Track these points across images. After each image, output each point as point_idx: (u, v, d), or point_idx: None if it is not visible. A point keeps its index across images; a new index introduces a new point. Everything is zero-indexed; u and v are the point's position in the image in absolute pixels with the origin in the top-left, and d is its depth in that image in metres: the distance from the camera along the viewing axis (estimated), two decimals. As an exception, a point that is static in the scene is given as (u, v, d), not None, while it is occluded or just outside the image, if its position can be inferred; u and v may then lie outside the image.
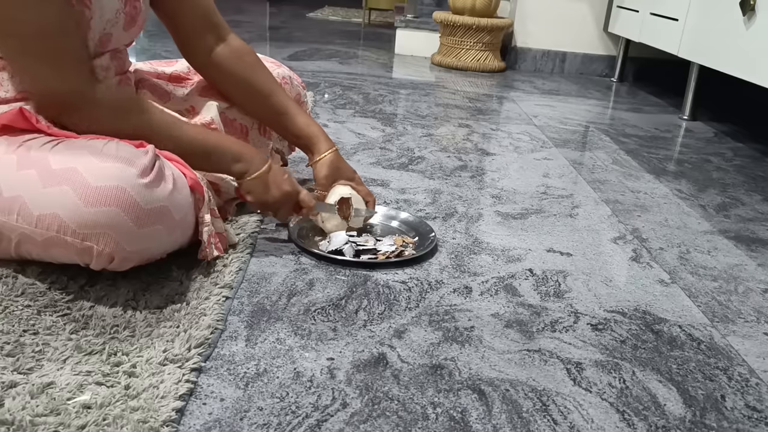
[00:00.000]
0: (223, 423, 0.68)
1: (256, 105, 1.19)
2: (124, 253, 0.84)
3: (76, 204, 0.80)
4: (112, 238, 0.81)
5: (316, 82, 2.52)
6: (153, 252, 0.89)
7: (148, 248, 0.87)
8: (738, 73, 1.95)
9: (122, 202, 0.81)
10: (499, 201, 1.42)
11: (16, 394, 0.68)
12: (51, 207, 0.81)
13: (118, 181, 0.81)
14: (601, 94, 2.82)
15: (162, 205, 0.85)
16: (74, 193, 0.80)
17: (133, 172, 0.82)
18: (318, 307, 0.92)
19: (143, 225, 0.83)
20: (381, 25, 4.90)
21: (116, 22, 0.96)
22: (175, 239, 0.91)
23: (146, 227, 0.83)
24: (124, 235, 0.82)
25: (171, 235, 0.89)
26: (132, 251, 0.84)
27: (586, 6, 3.19)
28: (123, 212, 0.81)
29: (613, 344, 0.90)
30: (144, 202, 0.82)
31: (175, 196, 0.87)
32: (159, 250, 0.90)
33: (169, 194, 0.86)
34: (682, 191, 1.59)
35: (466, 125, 2.08)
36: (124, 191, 0.81)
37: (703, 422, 0.76)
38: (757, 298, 1.08)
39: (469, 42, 3.10)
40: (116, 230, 0.81)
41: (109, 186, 0.80)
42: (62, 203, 0.80)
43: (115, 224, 0.81)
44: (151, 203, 0.83)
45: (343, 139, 1.79)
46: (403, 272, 1.05)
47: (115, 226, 0.81)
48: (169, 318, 0.84)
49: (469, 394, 0.76)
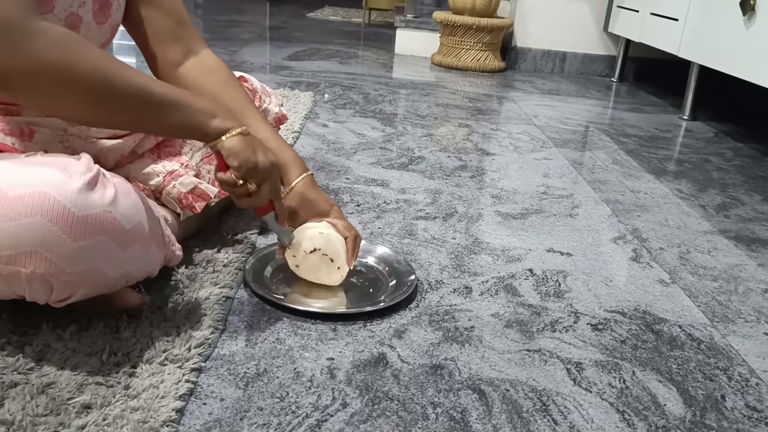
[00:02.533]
0: (223, 423, 0.68)
1: None
2: (63, 276, 0.68)
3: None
4: (43, 256, 0.66)
5: (316, 82, 2.52)
6: (109, 274, 0.73)
7: (97, 267, 0.71)
8: (738, 73, 1.95)
9: (47, 209, 0.66)
10: (499, 201, 1.42)
11: (16, 394, 0.68)
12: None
13: (41, 186, 0.66)
14: (601, 94, 2.82)
15: (103, 210, 0.69)
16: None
17: (59, 175, 0.68)
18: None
19: (80, 237, 0.68)
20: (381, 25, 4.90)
21: (84, 2, 0.83)
22: (153, 257, 0.79)
23: (85, 239, 0.68)
24: (57, 252, 0.67)
25: (147, 252, 0.77)
26: (73, 272, 0.69)
27: (586, 6, 3.19)
28: (50, 222, 0.66)
29: (613, 344, 0.90)
30: (77, 207, 0.67)
31: (120, 201, 0.72)
32: (117, 270, 0.74)
33: (111, 200, 0.71)
34: (682, 191, 1.59)
35: (466, 125, 2.08)
36: (47, 196, 0.66)
37: (703, 422, 0.76)
38: (757, 298, 1.08)
39: (469, 42, 3.10)
40: (45, 246, 0.66)
41: (29, 193, 0.66)
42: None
43: (43, 238, 0.66)
44: (86, 209, 0.68)
45: (343, 139, 1.79)
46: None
47: (42, 241, 0.66)
48: (169, 318, 0.84)
49: (469, 394, 0.77)
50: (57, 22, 0.79)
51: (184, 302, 0.88)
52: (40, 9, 0.77)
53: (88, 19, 0.86)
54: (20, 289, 0.70)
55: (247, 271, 0.97)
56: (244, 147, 0.83)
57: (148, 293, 0.88)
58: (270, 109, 1.17)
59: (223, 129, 0.82)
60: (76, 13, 0.83)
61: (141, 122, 0.79)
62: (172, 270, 0.95)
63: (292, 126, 1.82)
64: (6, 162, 0.70)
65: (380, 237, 1.18)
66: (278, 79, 2.49)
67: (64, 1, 0.80)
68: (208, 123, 0.81)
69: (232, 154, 0.83)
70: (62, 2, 0.80)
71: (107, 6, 0.88)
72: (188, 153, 1.03)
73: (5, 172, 0.68)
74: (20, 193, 0.66)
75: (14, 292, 0.71)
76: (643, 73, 3.23)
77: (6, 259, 0.66)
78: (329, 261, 0.94)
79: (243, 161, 0.83)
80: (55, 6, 0.79)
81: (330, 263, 0.94)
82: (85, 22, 0.85)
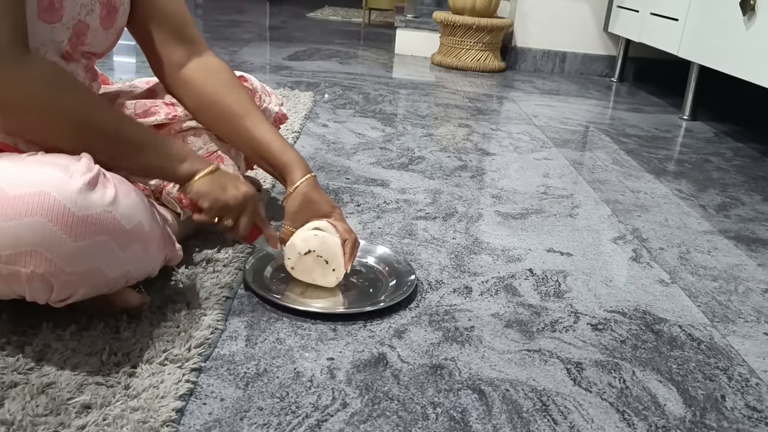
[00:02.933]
0: (223, 423, 0.68)
1: (226, 126, 1.02)
2: (63, 276, 0.68)
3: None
4: (43, 256, 0.67)
5: (316, 82, 2.52)
6: (109, 274, 0.73)
7: (97, 267, 0.71)
8: (738, 73, 1.95)
9: (47, 209, 0.66)
10: (499, 201, 1.42)
11: (16, 394, 0.68)
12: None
13: (42, 185, 0.67)
14: (601, 94, 2.82)
15: (103, 210, 0.69)
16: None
17: (59, 174, 0.68)
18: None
19: (80, 236, 0.68)
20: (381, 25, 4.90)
21: (92, 10, 0.84)
22: (153, 256, 0.79)
23: (85, 239, 0.68)
24: (57, 252, 0.67)
25: (147, 252, 0.77)
26: (73, 272, 0.69)
27: (586, 6, 3.19)
28: (50, 222, 0.66)
29: (613, 344, 0.90)
30: (77, 207, 0.67)
31: (121, 200, 0.72)
32: (117, 270, 0.74)
33: (112, 199, 0.71)
34: (682, 191, 1.59)
35: (466, 125, 2.08)
36: (48, 196, 0.66)
37: (703, 422, 0.76)
38: (757, 298, 1.08)
39: (469, 42, 3.10)
40: (45, 245, 0.66)
41: (29, 192, 0.66)
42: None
43: (43, 238, 0.66)
44: (86, 209, 0.68)
45: (343, 139, 1.79)
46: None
47: (42, 241, 0.66)
48: (169, 318, 0.84)
49: (469, 394, 0.77)
50: (65, 31, 0.81)
51: (184, 302, 0.88)
52: (49, 19, 0.79)
53: (95, 25, 0.86)
54: (20, 289, 0.70)
55: (247, 271, 0.97)
56: (213, 187, 0.87)
57: (148, 293, 0.88)
58: (270, 108, 1.17)
59: (192, 172, 0.86)
60: (84, 20, 0.84)
61: (118, 161, 0.81)
62: (172, 270, 0.95)
63: (292, 126, 1.82)
64: (6, 161, 0.70)
65: (380, 237, 1.18)
66: (278, 79, 2.50)
67: (72, 9, 0.81)
68: (178, 167, 0.85)
69: (200, 196, 0.87)
70: (70, 11, 0.81)
71: (114, 12, 0.89)
72: None
73: (5, 172, 0.68)
74: (20, 193, 0.66)
75: (14, 291, 0.71)
76: (643, 73, 3.23)
77: (6, 258, 0.66)
78: (324, 263, 0.94)
79: (212, 202, 0.87)
80: (63, 15, 0.80)
81: (325, 265, 0.94)
82: (92, 28, 0.86)
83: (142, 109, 1.00)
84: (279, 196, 1.34)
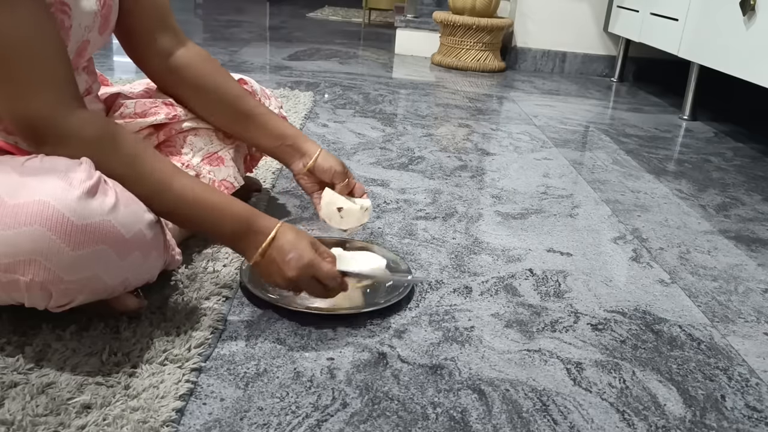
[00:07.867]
0: (223, 423, 0.68)
1: (224, 110, 1.03)
2: (62, 284, 0.69)
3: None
4: (41, 265, 0.67)
5: (316, 82, 2.52)
6: (107, 281, 0.73)
7: (95, 276, 0.71)
8: (738, 73, 1.95)
9: (46, 218, 0.66)
10: (499, 201, 1.42)
11: (16, 394, 0.68)
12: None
13: (41, 194, 0.66)
14: (601, 94, 2.82)
15: (103, 219, 0.69)
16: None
17: (59, 183, 0.68)
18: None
19: (79, 246, 0.68)
20: (381, 25, 4.90)
21: (93, 27, 0.85)
22: (153, 264, 0.79)
23: (84, 248, 0.68)
24: (55, 261, 0.67)
25: (147, 260, 0.77)
26: (72, 281, 0.69)
27: (586, 6, 3.19)
28: (49, 231, 0.66)
29: (613, 344, 0.90)
30: (76, 217, 0.67)
31: (121, 209, 0.72)
32: (116, 278, 0.74)
33: (111, 207, 0.70)
34: (682, 191, 1.59)
35: (466, 125, 2.08)
36: (47, 205, 0.66)
37: (703, 422, 0.76)
38: (757, 298, 1.08)
39: (469, 42, 3.10)
40: (44, 254, 0.66)
41: (28, 201, 0.66)
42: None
43: (41, 247, 0.66)
44: (86, 218, 0.68)
45: (343, 139, 1.79)
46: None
47: (41, 250, 0.66)
48: (169, 318, 0.84)
49: (469, 394, 0.77)
50: (70, 54, 0.81)
51: (184, 302, 0.88)
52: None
53: (95, 37, 0.87)
54: (19, 296, 0.70)
55: (243, 272, 0.97)
56: (270, 271, 0.84)
57: (148, 293, 0.88)
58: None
59: (244, 251, 0.84)
60: (86, 38, 0.85)
61: (176, 219, 0.83)
62: (172, 270, 0.95)
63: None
64: (5, 169, 0.70)
65: (380, 237, 1.18)
66: (278, 79, 2.50)
67: (76, 34, 0.81)
68: (228, 239, 0.83)
69: (263, 276, 0.86)
70: (75, 37, 0.81)
71: (108, 16, 0.89)
72: (189, 153, 1.03)
73: (4, 180, 0.68)
74: (19, 202, 0.66)
75: (13, 298, 0.71)
76: (643, 73, 3.23)
77: (5, 266, 0.67)
78: (339, 216, 1.01)
79: (275, 284, 0.85)
80: (69, 44, 0.80)
81: (339, 216, 1.01)
82: (92, 42, 0.87)
83: (141, 108, 1.01)
84: (279, 196, 1.34)
